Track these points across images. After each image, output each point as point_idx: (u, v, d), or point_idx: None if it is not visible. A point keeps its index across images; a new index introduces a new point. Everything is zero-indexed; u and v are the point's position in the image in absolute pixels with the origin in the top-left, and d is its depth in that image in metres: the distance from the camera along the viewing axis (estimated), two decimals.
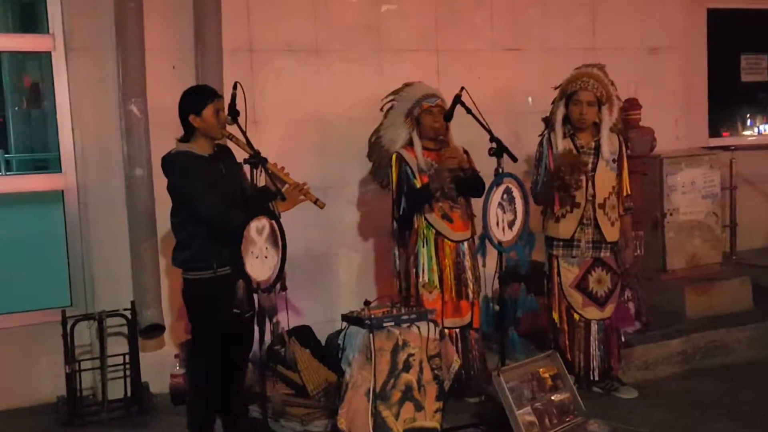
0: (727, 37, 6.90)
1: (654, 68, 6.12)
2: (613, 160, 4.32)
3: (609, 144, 4.30)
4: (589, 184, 4.27)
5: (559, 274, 4.37)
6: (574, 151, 4.28)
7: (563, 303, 4.39)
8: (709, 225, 5.64)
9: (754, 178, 6.78)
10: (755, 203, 6.79)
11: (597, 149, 4.31)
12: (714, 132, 7.05)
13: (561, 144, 4.30)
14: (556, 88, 4.46)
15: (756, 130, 7.66)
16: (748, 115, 7.66)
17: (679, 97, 6.32)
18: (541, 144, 4.40)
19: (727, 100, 7.22)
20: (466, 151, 4.32)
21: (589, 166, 4.28)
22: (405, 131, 4.35)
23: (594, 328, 4.37)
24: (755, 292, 5.55)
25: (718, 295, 5.38)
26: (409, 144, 4.34)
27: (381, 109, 4.48)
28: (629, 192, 4.44)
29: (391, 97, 4.45)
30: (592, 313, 4.36)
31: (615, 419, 4.01)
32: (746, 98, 7.47)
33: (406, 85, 4.47)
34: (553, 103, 4.47)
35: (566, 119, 4.33)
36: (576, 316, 4.38)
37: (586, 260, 4.33)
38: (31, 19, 5.11)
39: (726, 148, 6.47)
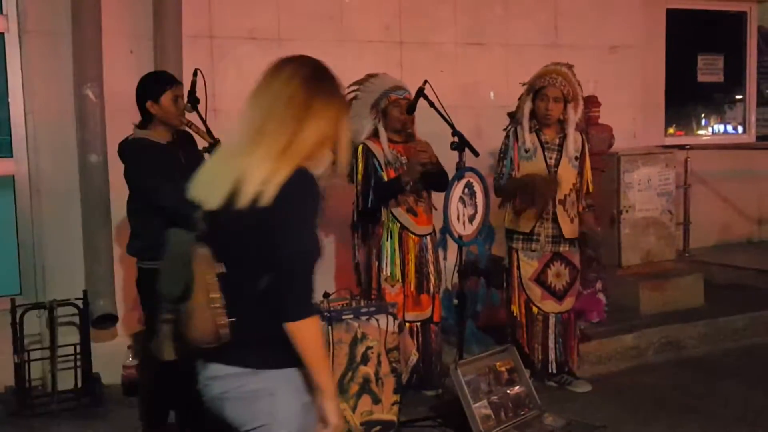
0: (685, 37, 7.02)
1: (613, 66, 6.20)
2: (576, 158, 4.37)
3: (573, 142, 4.35)
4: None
5: (519, 267, 4.40)
6: (544, 167, 4.31)
7: (522, 296, 4.42)
8: (663, 222, 5.73)
9: (707, 176, 6.91)
10: (708, 201, 6.93)
11: (561, 146, 4.34)
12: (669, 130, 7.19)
13: (528, 139, 4.32)
14: (523, 84, 4.47)
15: (710, 129, 7.82)
16: (703, 115, 7.81)
17: (637, 95, 6.41)
18: (507, 137, 4.41)
19: (683, 100, 7.35)
20: (428, 145, 4.31)
21: (552, 161, 4.32)
22: (370, 122, 4.30)
23: (552, 320, 4.41)
24: (707, 289, 5.66)
25: (671, 292, 5.47)
26: (374, 135, 4.30)
27: None
28: (591, 190, 4.49)
29: (353, 88, 4.38)
30: (551, 306, 4.40)
31: (569, 413, 4.05)
32: (702, 98, 7.61)
33: (370, 75, 4.41)
34: (519, 98, 4.48)
35: (532, 114, 4.36)
36: (534, 309, 4.41)
37: (546, 254, 4.36)
38: None
39: (681, 146, 6.59)
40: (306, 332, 1.95)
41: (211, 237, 2.04)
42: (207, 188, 2.05)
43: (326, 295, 3.85)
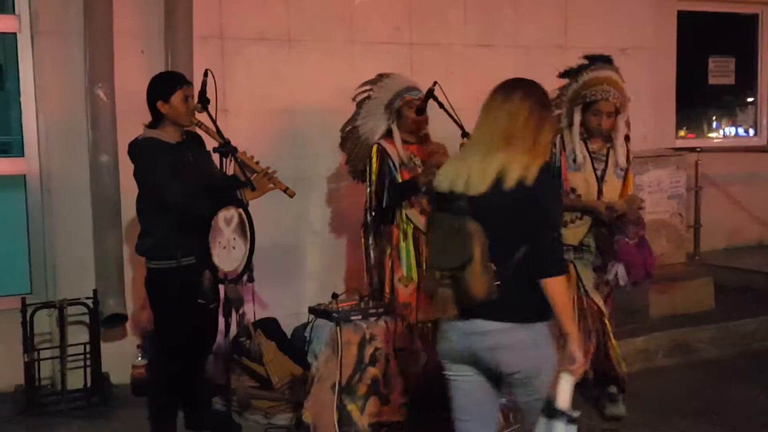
0: (696, 39, 6.99)
1: (624, 68, 6.06)
2: (621, 168, 4.19)
3: (622, 154, 4.14)
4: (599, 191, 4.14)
5: (580, 279, 4.15)
6: (594, 179, 4.11)
7: (593, 306, 4.15)
8: (674, 225, 5.71)
9: (718, 179, 6.88)
10: (719, 204, 6.88)
11: (607, 155, 4.17)
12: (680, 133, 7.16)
13: (578, 150, 4.11)
14: (562, 76, 4.29)
15: (721, 132, 7.79)
16: (714, 118, 7.77)
17: (647, 97, 6.37)
18: (552, 144, 4.09)
19: (694, 102, 7.31)
20: (443, 147, 4.30)
21: (599, 172, 4.15)
22: (384, 123, 4.24)
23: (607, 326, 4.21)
24: (717, 293, 5.64)
25: (681, 295, 5.45)
26: (388, 136, 4.24)
27: (353, 99, 4.40)
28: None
29: (366, 87, 4.34)
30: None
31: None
32: (713, 100, 7.58)
33: (382, 75, 4.37)
34: (560, 97, 4.24)
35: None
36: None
37: (595, 263, 4.19)
38: None
39: (692, 149, 6.56)
40: (561, 285, 2.52)
41: (476, 217, 2.50)
42: (465, 180, 2.59)
43: (335, 295, 3.85)
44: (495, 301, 2.47)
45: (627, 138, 4.27)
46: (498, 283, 2.47)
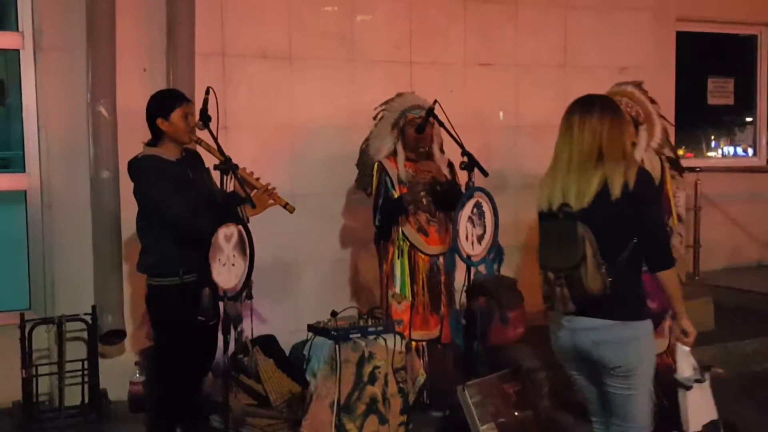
0: (696, 59, 7.02)
1: None
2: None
3: (651, 168, 3.78)
4: None
5: None
6: None
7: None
8: (673, 245, 5.67)
9: (717, 199, 6.89)
10: (718, 224, 6.89)
11: None
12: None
13: None
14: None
15: (720, 152, 7.81)
16: (713, 137, 7.79)
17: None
18: None
19: (693, 122, 7.34)
20: (451, 164, 4.32)
21: None
22: (390, 141, 4.34)
23: None
24: (717, 313, 5.62)
25: None
26: (394, 154, 4.32)
27: (374, 118, 4.47)
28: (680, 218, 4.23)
29: (381, 108, 4.44)
30: None
31: None
32: (712, 121, 7.60)
33: (398, 95, 4.47)
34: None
35: None
36: None
37: None
38: None
39: (691, 169, 6.57)
40: (672, 276, 2.87)
41: (586, 223, 2.77)
42: (563, 196, 2.85)
43: (334, 313, 3.85)
44: (600, 300, 2.75)
45: (661, 153, 4.15)
46: (610, 279, 2.74)
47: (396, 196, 4.23)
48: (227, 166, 3.53)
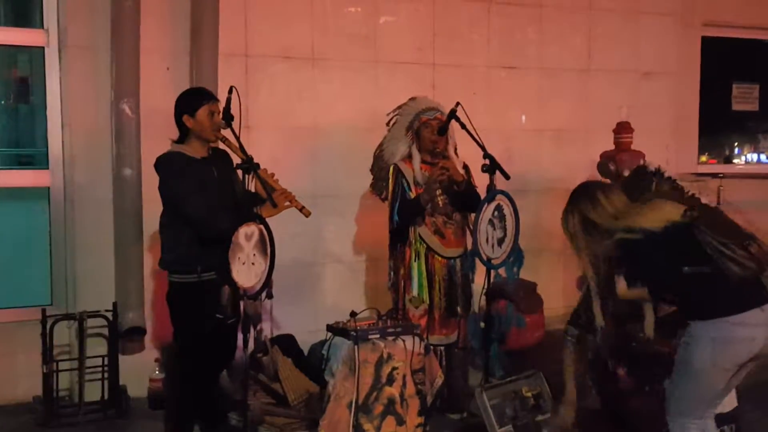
0: (720, 65, 6.95)
1: (647, 92, 6.15)
2: None
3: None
4: None
5: None
6: None
7: None
8: None
9: (740, 206, 6.80)
10: None
11: None
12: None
13: None
14: None
15: (744, 158, 7.72)
16: (737, 144, 7.71)
17: (670, 122, 6.35)
18: None
19: (717, 128, 7.26)
20: (466, 166, 4.31)
21: None
22: (405, 144, 4.32)
23: None
24: None
25: None
26: (409, 157, 4.30)
27: (387, 124, 4.45)
28: None
29: (396, 112, 4.42)
30: None
31: None
32: (736, 127, 7.52)
33: (411, 99, 4.45)
34: None
35: None
36: None
37: None
38: (24, 13, 5.06)
39: (714, 175, 6.50)
40: None
41: None
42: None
43: (353, 313, 3.84)
44: None
45: None
46: None
47: (412, 197, 4.21)
48: (249, 165, 3.54)
